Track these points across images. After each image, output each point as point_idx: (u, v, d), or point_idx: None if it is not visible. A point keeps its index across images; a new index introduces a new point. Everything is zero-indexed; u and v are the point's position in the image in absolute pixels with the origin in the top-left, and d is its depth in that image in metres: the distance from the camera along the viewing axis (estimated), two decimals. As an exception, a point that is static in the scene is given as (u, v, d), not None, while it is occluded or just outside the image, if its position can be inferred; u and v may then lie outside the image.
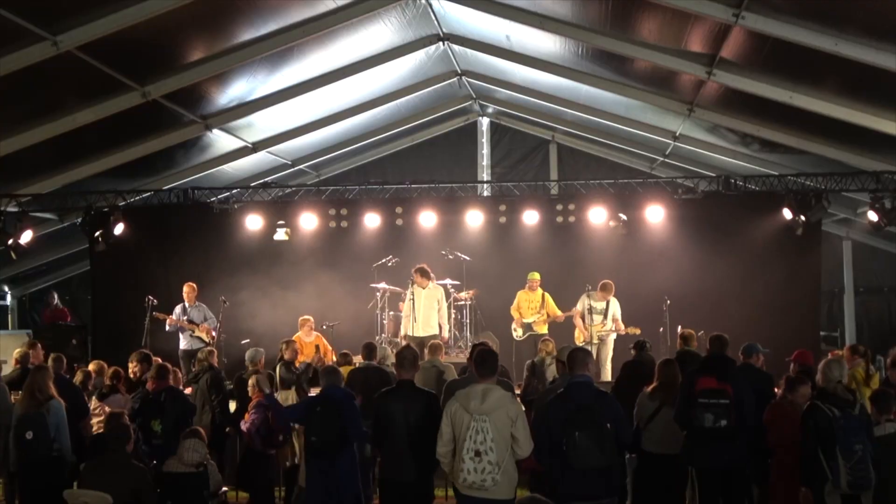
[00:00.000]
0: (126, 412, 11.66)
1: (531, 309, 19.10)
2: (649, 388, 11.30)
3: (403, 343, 17.26)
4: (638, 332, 17.99)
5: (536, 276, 19.12)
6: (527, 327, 19.06)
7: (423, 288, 18.41)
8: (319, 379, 11.35)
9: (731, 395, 10.10)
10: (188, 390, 14.09)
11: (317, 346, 17.29)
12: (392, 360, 13.46)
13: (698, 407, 10.16)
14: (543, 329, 18.81)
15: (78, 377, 14.02)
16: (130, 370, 14.03)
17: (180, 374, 14.35)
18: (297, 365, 15.18)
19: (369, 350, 13.93)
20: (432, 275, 18.81)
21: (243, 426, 12.63)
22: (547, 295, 19.14)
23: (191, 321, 18.71)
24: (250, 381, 12.99)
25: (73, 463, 11.71)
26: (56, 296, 23.73)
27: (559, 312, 19.01)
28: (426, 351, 14.05)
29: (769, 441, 10.52)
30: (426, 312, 18.38)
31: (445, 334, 18.87)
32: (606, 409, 9.11)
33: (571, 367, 9.44)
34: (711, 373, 10.35)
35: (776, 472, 10.54)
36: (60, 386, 12.20)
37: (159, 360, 13.89)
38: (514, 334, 19.27)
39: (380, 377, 12.89)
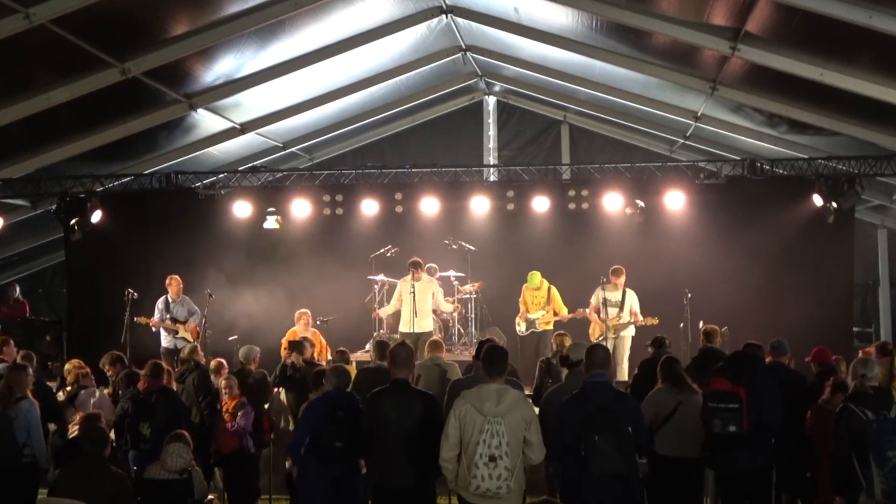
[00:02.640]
0: (101, 413, 11.61)
1: (536, 304, 19.10)
2: (664, 385, 11.26)
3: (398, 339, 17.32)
4: (656, 322, 18.01)
5: (535, 280, 19.02)
6: (531, 322, 19.07)
7: (418, 281, 18.36)
8: (325, 379, 11.33)
9: (744, 398, 10.05)
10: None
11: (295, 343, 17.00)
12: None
13: (709, 411, 10.22)
14: (548, 326, 18.81)
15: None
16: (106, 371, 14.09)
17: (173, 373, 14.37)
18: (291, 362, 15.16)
19: (381, 349, 13.81)
20: (433, 266, 18.78)
21: (230, 427, 12.69)
22: (554, 290, 19.08)
23: (174, 320, 18.72)
24: (223, 382, 13.12)
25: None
26: (18, 289, 23.65)
27: (565, 311, 18.94)
28: (426, 348, 14.01)
29: (818, 451, 10.48)
30: (421, 307, 18.33)
31: (447, 308, 19.01)
32: (627, 412, 9.10)
33: (589, 365, 9.41)
34: (725, 373, 10.33)
35: (823, 485, 10.51)
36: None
37: (157, 361, 13.76)
38: (518, 328, 19.29)
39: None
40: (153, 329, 18.79)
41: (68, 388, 13.87)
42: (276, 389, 15.26)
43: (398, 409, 9.47)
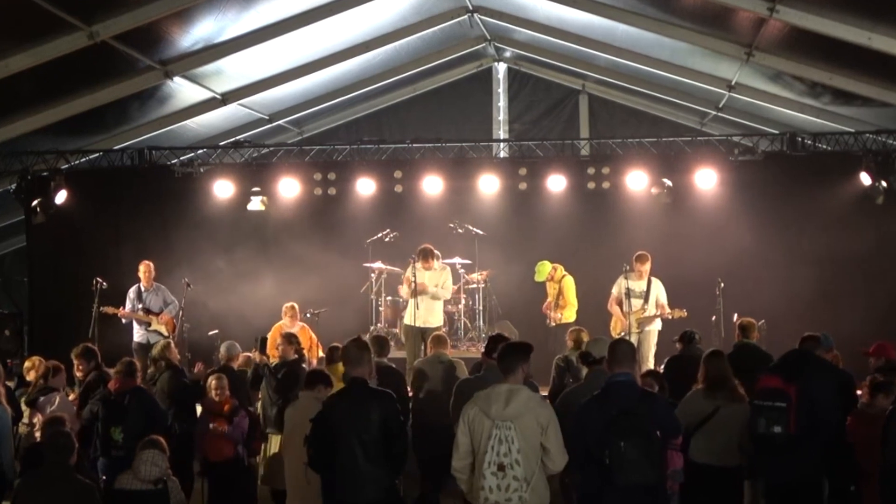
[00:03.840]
0: (67, 416, 11.56)
1: (553, 297, 19.00)
2: (701, 386, 11.19)
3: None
4: (684, 314, 17.89)
5: (542, 274, 18.94)
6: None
7: (427, 271, 18.24)
8: (308, 381, 11.29)
9: (795, 397, 10.03)
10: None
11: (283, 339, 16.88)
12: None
13: (754, 409, 10.22)
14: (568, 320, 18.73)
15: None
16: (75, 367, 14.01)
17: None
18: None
19: (380, 344, 13.75)
20: (437, 253, 18.76)
21: (224, 431, 12.68)
22: (567, 281, 18.88)
23: (147, 311, 18.66)
24: (213, 382, 13.05)
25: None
26: None
27: (573, 308, 18.73)
28: (429, 343, 13.99)
29: (861, 460, 10.48)
30: (429, 300, 18.21)
31: (447, 295, 18.80)
32: (655, 414, 9.02)
33: (612, 362, 9.33)
34: (778, 371, 10.29)
35: (869, 499, 10.49)
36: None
37: (130, 359, 13.68)
38: (550, 317, 19.12)
39: (392, 379, 12.80)
40: (123, 321, 18.73)
41: (30, 389, 13.76)
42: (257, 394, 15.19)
43: (352, 413, 9.22)
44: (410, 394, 13.54)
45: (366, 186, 20.67)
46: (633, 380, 9.22)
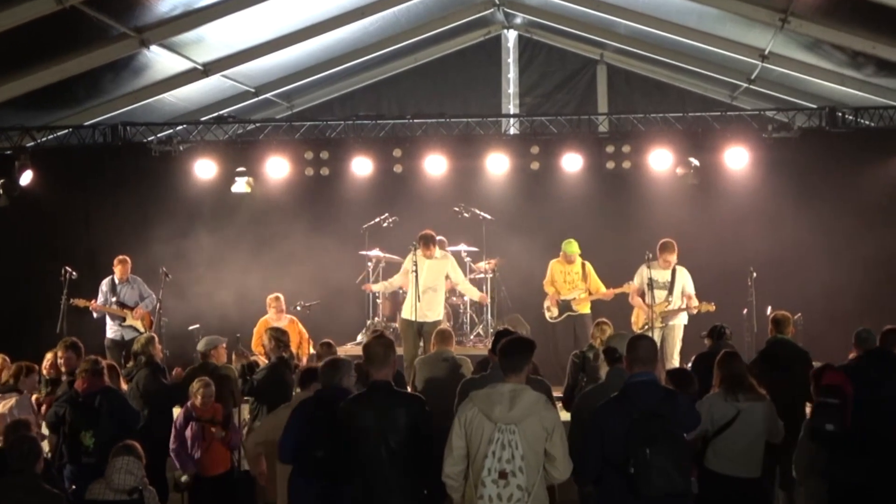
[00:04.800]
0: (34, 421, 11.56)
1: (569, 283, 19.06)
2: (720, 390, 11.13)
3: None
4: (713, 308, 17.92)
5: (574, 247, 18.97)
6: (564, 306, 19.01)
7: (428, 259, 18.22)
8: (301, 380, 11.27)
9: (850, 395, 10.15)
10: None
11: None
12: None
13: (814, 406, 10.42)
14: (585, 309, 18.84)
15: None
16: (46, 364, 13.98)
17: (121, 371, 14.26)
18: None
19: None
20: (443, 240, 18.72)
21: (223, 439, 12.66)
22: (589, 265, 19.04)
23: (122, 304, 18.66)
24: (199, 387, 12.96)
25: None
26: None
27: (605, 289, 18.87)
28: (432, 339, 13.95)
29: None
30: (431, 291, 18.22)
31: (472, 294, 19.07)
32: (681, 415, 8.95)
33: (632, 360, 9.21)
34: (847, 368, 10.35)
35: None
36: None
37: (95, 356, 13.67)
38: (548, 314, 19.26)
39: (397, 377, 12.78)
40: (95, 315, 18.73)
41: None
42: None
43: (378, 419, 9.16)
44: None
45: (362, 166, 20.61)
46: (654, 379, 9.13)
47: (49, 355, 14.29)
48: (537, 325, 19.00)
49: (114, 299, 18.72)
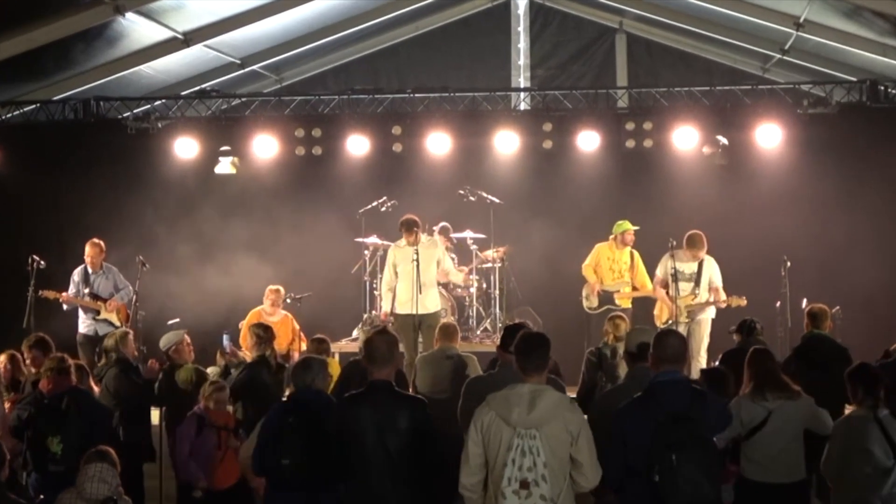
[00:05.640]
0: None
1: (614, 272, 18.97)
2: (749, 387, 11.08)
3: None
4: (743, 303, 17.85)
5: (628, 225, 18.83)
6: (605, 297, 18.88)
7: (412, 245, 17.99)
8: (289, 377, 11.22)
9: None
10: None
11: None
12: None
13: None
14: (627, 303, 18.74)
15: None
16: (3, 363, 13.97)
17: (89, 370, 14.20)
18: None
19: None
20: (446, 226, 18.67)
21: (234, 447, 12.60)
22: (638, 256, 18.98)
23: (96, 296, 18.60)
24: (210, 393, 12.90)
25: None
26: None
27: (650, 286, 18.74)
28: (436, 335, 13.94)
29: None
30: (424, 280, 17.98)
31: (457, 277, 18.92)
32: (710, 417, 8.86)
33: (658, 358, 9.12)
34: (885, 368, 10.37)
35: None
36: None
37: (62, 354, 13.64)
38: (585, 303, 19.09)
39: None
40: (65, 307, 18.67)
41: None
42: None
43: (377, 422, 9.14)
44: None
45: (358, 145, 20.58)
46: (682, 378, 9.07)
47: (2, 358, 14.22)
48: (551, 319, 19.04)
49: (87, 290, 18.64)
